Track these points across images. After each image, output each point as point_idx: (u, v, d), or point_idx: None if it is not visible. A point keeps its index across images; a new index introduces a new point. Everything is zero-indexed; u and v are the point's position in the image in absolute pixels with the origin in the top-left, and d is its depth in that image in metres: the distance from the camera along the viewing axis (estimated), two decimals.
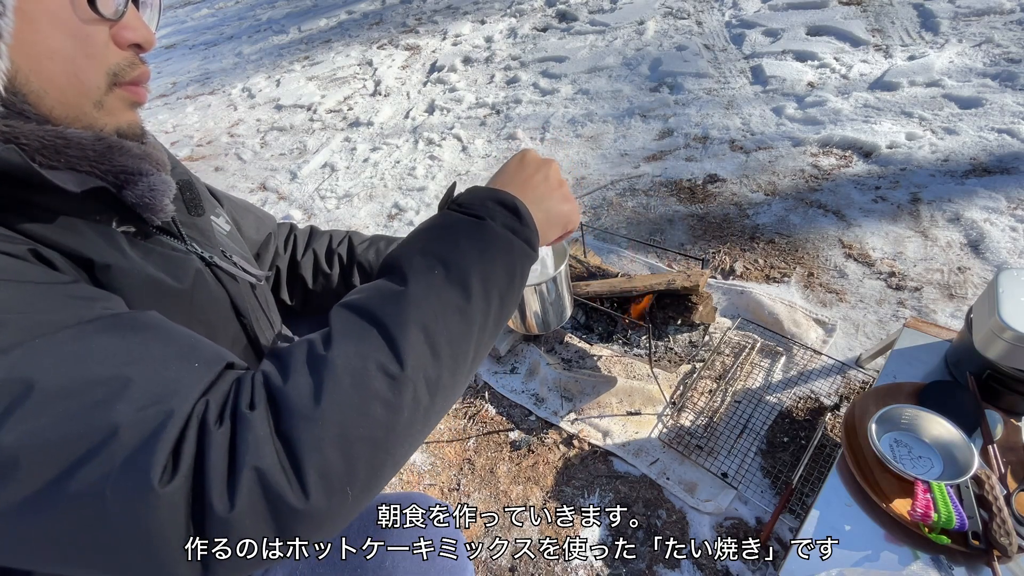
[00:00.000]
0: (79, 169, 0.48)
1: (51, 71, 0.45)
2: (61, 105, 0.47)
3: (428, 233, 0.53)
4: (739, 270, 1.82)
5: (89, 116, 0.49)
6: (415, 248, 0.51)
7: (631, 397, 1.51)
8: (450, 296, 0.48)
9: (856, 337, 1.55)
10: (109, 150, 0.49)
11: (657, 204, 2.18)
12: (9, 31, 0.41)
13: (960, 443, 0.93)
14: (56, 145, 0.46)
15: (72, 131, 0.47)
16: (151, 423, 0.36)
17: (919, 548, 0.86)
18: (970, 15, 2.73)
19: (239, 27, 6.03)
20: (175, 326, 0.46)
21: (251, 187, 2.96)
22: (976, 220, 1.76)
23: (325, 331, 0.45)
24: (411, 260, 0.49)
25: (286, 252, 0.95)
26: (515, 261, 0.54)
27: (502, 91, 3.25)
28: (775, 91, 2.62)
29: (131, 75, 0.51)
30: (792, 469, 1.27)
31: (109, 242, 0.51)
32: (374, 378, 0.42)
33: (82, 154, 0.48)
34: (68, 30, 0.45)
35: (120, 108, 0.51)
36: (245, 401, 0.39)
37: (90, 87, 0.48)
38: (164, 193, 0.54)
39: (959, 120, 2.17)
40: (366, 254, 0.94)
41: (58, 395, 0.36)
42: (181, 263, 0.59)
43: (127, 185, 0.52)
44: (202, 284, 0.61)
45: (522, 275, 0.55)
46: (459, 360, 0.48)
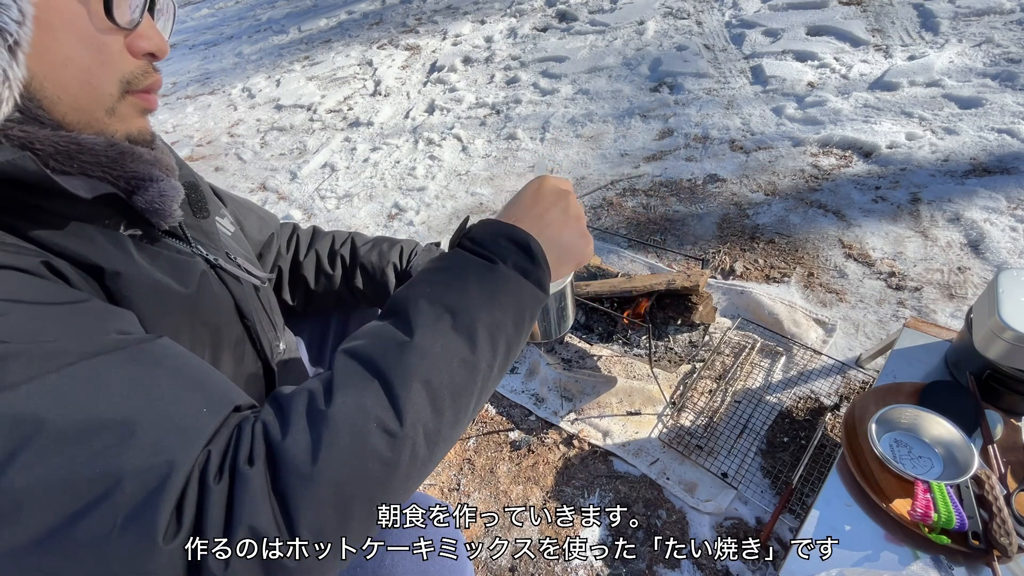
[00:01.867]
0: (91, 175, 0.48)
1: (66, 78, 0.45)
2: (74, 111, 0.47)
3: (438, 276, 0.52)
4: (739, 270, 1.82)
5: (101, 122, 0.49)
6: (423, 292, 0.50)
7: (631, 397, 1.51)
8: (456, 347, 0.47)
9: (856, 337, 1.55)
10: (121, 156, 0.50)
11: (657, 204, 2.18)
12: (27, 40, 0.41)
13: (960, 443, 0.93)
14: (70, 151, 0.46)
15: (86, 137, 0.48)
16: (156, 475, 0.37)
17: (919, 548, 0.86)
18: (970, 15, 2.73)
19: (239, 27, 6.03)
20: (185, 356, 0.47)
21: (251, 187, 2.96)
22: (976, 220, 1.76)
23: (327, 379, 0.44)
24: (418, 306, 0.48)
25: (288, 252, 0.95)
26: (524, 307, 0.53)
27: (502, 91, 3.25)
28: (775, 91, 2.62)
29: (144, 83, 0.52)
30: (792, 469, 1.27)
31: (118, 248, 0.52)
32: (373, 435, 0.42)
33: (95, 160, 0.48)
34: (84, 38, 0.46)
35: (131, 115, 0.52)
36: (244, 455, 0.40)
37: (103, 94, 0.49)
38: (173, 199, 0.55)
39: (959, 120, 2.17)
40: (369, 256, 0.94)
41: (66, 438, 0.36)
42: (186, 267, 0.59)
43: (137, 191, 0.52)
44: (207, 287, 0.62)
45: (530, 319, 0.54)
46: (460, 412, 0.47)
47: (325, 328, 1.04)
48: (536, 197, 0.60)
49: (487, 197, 2.46)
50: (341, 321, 1.06)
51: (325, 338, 1.04)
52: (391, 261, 0.93)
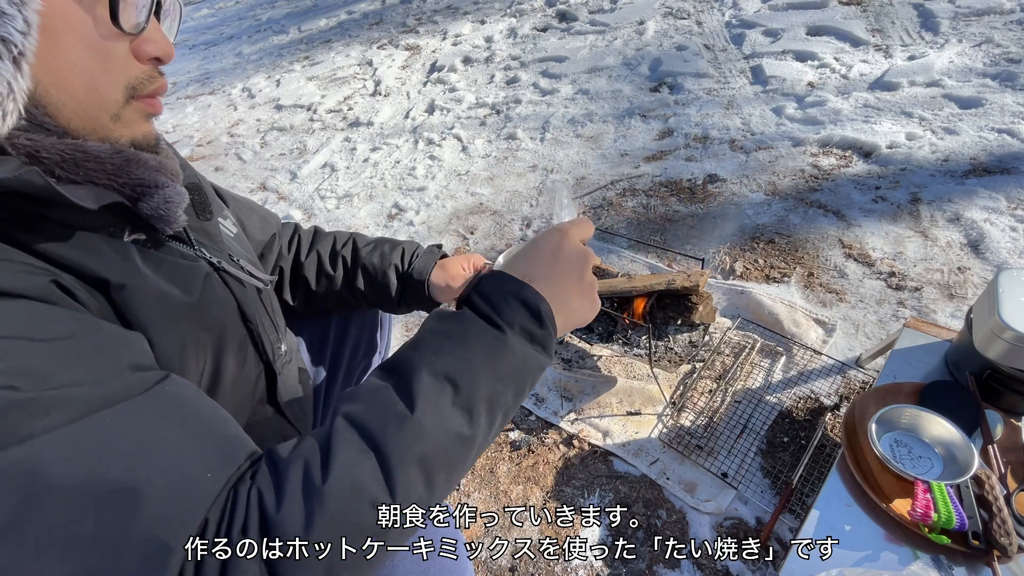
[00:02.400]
0: (97, 182, 0.48)
1: (71, 84, 0.45)
2: (79, 117, 0.47)
3: (445, 342, 0.50)
4: (739, 270, 1.82)
5: (106, 128, 0.49)
6: (427, 361, 0.49)
7: (631, 397, 1.51)
8: (455, 424, 0.47)
9: (856, 337, 1.55)
10: (127, 163, 0.50)
11: (657, 204, 2.18)
12: (32, 50, 0.41)
13: (960, 443, 0.93)
14: (76, 158, 0.46)
15: (91, 144, 0.48)
16: (157, 550, 0.37)
17: (919, 548, 0.86)
18: (970, 15, 2.73)
19: (239, 27, 6.04)
20: (194, 401, 0.47)
21: (251, 187, 2.96)
22: (976, 220, 1.76)
23: (324, 446, 0.44)
24: (421, 377, 0.47)
25: (290, 253, 0.95)
26: (527, 376, 0.52)
27: (502, 91, 3.25)
28: (775, 91, 2.62)
29: (149, 88, 0.51)
30: (792, 469, 1.27)
31: (123, 257, 0.52)
32: (367, 514, 0.42)
33: (100, 167, 0.48)
34: (89, 45, 0.45)
35: (137, 120, 0.52)
36: (239, 524, 0.40)
37: (108, 100, 0.48)
38: (178, 204, 0.55)
39: (959, 120, 2.17)
40: (370, 257, 0.94)
41: (73, 501, 0.36)
42: (190, 271, 0.60)
43: (142, 197, 0.52)
44: (210, 291, 0.62)
45: (531, 386, 0.54)
46: (451, 484, 0.48)
47: (326, 328, 1.04)
48: (556, 257, 0.57)
49: (487, 197, 2.46)
50: (342, 321, 1.05)
51: (326, 338, 1.04)
52: (393, 263, 0.93)
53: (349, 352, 1.07)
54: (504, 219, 2.31)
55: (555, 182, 2.41)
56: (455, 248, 2.24)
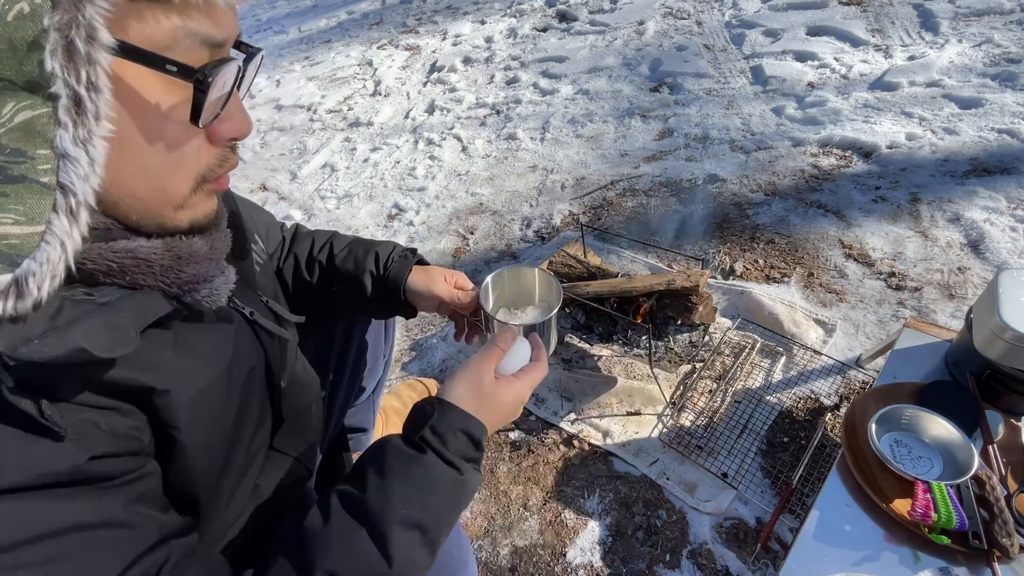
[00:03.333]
0: (141, 284, 0.45)
1: (135, 186, 0.41)
2: (138, 213, 0.43)
3: (411, 493, 0.57)
4: (739, 270, 1.82)
5: (168, 218, 0.46)
6: (397, 513, 0.55)
7: (631, 397, 1.51)
8: (421, 560, 0.56)
9: (856, 337, 1.55)
10: (177, 261, 0.46)
11: (657, 204, 2.18)
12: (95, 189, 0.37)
13: (960, 443, 0.93)
14: (124, 265, 0.43)
15: (143, 247, 0.44)
16: None
17: (919, 548, 0.86)
18: (970, 15, 2.73)
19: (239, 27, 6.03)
20: None
21: (251, 187, 2.96)
22: (976, 220, 1.76)
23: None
24: (394, 530, 0.54)
25: (275, 261, 0.94)
26: (469, 499, 0.62)
27: (502, 91, 3.25)
28: (775, 91, 2.62)
29: (220, 172, 0.48)
30: (792, 469, 1.27)
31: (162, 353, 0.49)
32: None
33: (149, 271, 0.45)
34: (162, 149, 0.41)
35: (201, 202, 0.48)
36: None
37: (175, 195, 0.45)
38: (223, 293, 0.52)
39: (959, 120, 2.17)
40: (345, 264, 0.91)
41: None
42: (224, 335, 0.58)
43: (189, 292, 0.49)
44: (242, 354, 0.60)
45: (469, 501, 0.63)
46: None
47: (330, 333, 1.03)
48: (501, 402, 0.67)
49: (487, 197, 2.46)
50: (346, 326, 1.04)
51: (330, 343, 1.03)
52: (367, 269, 0.90)
53: (354, 356, 1.06)
54: (504, 219, 2.31)
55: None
56: (455, 248, 2.24)
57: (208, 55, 0.42)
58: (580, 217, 2.22)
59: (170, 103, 0.40)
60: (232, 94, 0.45)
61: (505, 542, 1.28)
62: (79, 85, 0.33)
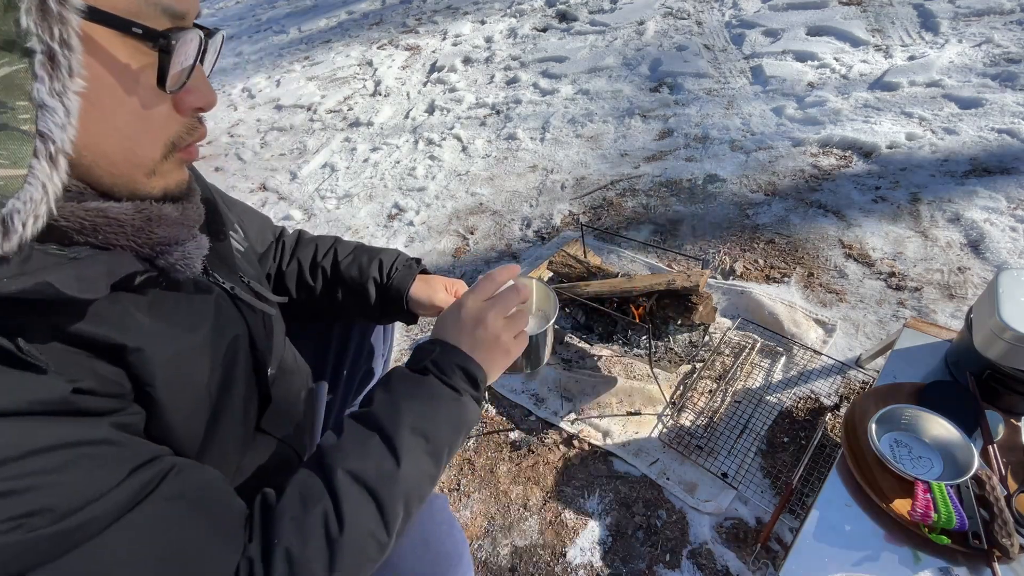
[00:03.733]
0: (114, 244, 0.46)
1: (107, 148, 0.43)
2: (111, 176, 0.45)
3: (415, 402, 0.62)
4: (739, 270, 1.82)
5: (139, 183, 0.47)
6: (406, 420, 0.60)
7: (631, 397, 1.51)
8: (427, 468, 0.60)
9: (856, 337, 1.55)
10: (148, 223, 0.48)
11: (657, 204, 2.18)
12: (71, 139, 0.39)
13: (960, 443, 0.93)
14: (96, 224, 0.44)
15: (113, 207, 0.45)
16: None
17: (919, 548, 0.86)
18: (970, 15, 2.73)
19: (239, 27, 6.03)
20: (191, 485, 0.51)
21: (251, 187, 2.96)
22: (976, 220, 1.76)
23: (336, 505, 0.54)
24: (402, 434, 0.59)
25: (273, 261, 0.94)
26: (472, 424, 0.66)
27: (502, 91, 3.25)
28: (775, 91, 2.62)
29: (189, 140, 0.50)
30: (792, 469, 1.27)
31: (137, 316, 0.50)
32: (370, 548, 0.55)
33: (120, 230, 0.46)
34: (131, 111, 0.43)
35: (172, 170, 0.50)
36: None
37: (146, 159, 0.47)
38: (196, 258, 0.54)
39: (959, 120, 2.17)
40: (349, 271, 0.92)
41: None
42: (203, 305, 0.59)
43: (161, 255, 0.51)
44: (223, 322, 0.62)
45: (469, 430, 0.67)
46: (419, 512, 0.61)
47: (328, 334, 1.03)
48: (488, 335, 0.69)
49: (487, 197, 2.46)
50: (343, 327, 1.05)
51: (328, 344, 1.03)
52: (371, 276, 0.91)
53: (352, 357, 1.07)
54: (504, 219, 2.31)
55: None
56: (455, 248, 2.24)
57: (170, 24, 0.44)
58: (580, 217, 2.22)
59: (138, 66, 0.43)
60: (195, 65, 0.47)
61: (505, 542, 1.28)
62: (53, 41, 0.36)
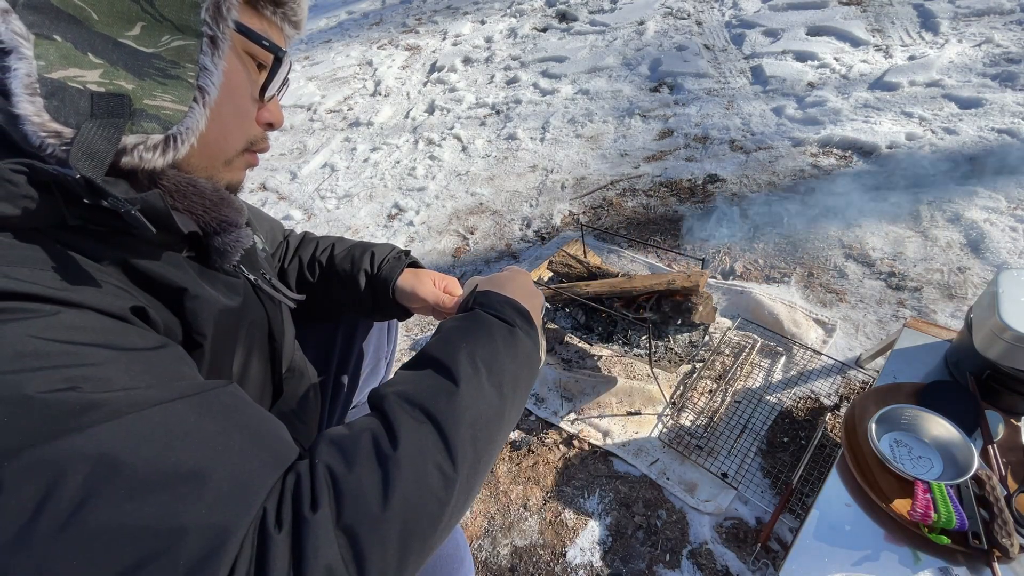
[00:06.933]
0: (194, 212, 0.55)
1: (210, 132, 0.52)
2: (200, 157, 0.54)
3: (468, 334, 0.59)
4: (739, 270, 1.82)
5: (215, 170, 0.57)
6: (461, 347, 0.56)
7: (631, 397, 1.51)
8: (491, 398, 0.54)
9: (856, 337, 1.55)
10: (222, 201, 0.57)
11: (657, 204, 2.18)
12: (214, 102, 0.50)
13: (960, 443, 0.93)
14: (187, 191, 0.53)
15: (201, 181, 0.55)
16: (217, 533, 0.38)
17: (919, 548, 0.86)
18: (970, 15, 2.73)
19: None
20: (251, 406, 0.49)
21: (251, 187, 2.96)
22: (976, 220, 1.76)
23: (385, 420, 0.48)
24: (459, 359, 0.54)
25: (278, 260, 0.95)
26: (532, 363, 0.63)
27: (502, 91, 3.25)
28: (775, 91, 2.62)
29: (260, 146, 0.61)
30: (792, 469, 1.27)
31: (192, 271, 0.57)
32: (432, 476, 0.45)
33: (202, 202, 0.55)
34: (238, 106, 0.55)
35: (240, 168, 0.60)
36: (307, 502, 0.41)
37: (229, 150, 0.57)
38: (243, 245, 0.62)
39: (959, 120, 2.17)
40: (343, 263, 0.93)
41: (141, 485, 0.37)
42: (234, 285, 0.64)
43: (220, 233, 0.59)
44: (249, 304, 0.67)
45: (534, 374, 0.63)
46: (493, 454, 0.53)
47: (332, 334, 1.03)
48: (518, 283, 0.72)
49: (487, 197, 2.46)
50: (348, 327, 1.05)
51: (332, 344, 1.03)
52: (362, 268, 0.92)
53: (355, 357, 1.07)
54: (504, 219, 2.31)
55: None
56: (455, 248, 2.24)
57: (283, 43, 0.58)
58: (580, 217, 2.22)
59: (251, 77, 0.56)
60: (285, 84, 0.60)
61: (505, 542, 1.28)
62: (217, 31, 0.49)
